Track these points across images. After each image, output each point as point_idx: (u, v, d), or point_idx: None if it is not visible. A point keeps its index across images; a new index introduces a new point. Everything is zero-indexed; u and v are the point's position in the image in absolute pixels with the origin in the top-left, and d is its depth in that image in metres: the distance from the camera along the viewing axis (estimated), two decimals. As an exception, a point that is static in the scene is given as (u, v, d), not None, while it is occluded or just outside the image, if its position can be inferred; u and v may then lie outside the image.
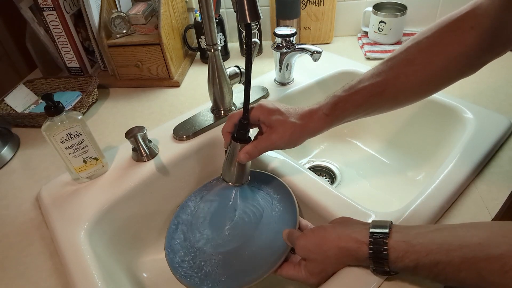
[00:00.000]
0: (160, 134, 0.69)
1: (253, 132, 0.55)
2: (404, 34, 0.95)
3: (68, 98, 0.84)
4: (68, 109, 0.61)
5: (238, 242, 0.55)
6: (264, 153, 0.55)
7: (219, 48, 0.63)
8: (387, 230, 0.39)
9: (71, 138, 0.55)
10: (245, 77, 0.49)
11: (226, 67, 0.66)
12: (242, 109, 0.51)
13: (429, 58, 0.46)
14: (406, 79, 0.47)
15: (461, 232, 0.36)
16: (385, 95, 0.48)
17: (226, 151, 0.54)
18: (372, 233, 0.39)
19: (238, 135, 0.52)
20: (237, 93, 0.75)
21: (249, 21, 0.42)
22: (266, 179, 0.60)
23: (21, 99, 0.82)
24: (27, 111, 0.80)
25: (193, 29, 0.93)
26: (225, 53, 0.98)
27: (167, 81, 0.88)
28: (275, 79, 0.83)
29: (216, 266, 0.53)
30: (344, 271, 0.43)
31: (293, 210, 0.53)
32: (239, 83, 0.72)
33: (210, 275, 0.52)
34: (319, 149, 0.87)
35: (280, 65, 0.78)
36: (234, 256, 0.54)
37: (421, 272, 0.37)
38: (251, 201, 0.59)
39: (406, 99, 0.50)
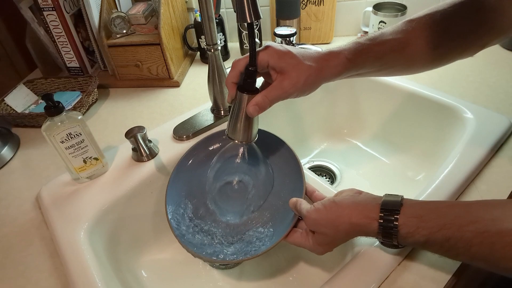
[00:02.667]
0: (160, 134, 0.69)
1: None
2: (404, 34, 0.95)
3: (68, 98, 0.84)
4: (68, 109, 0.61)
5: (246, 209, 0.54)
6: None
7: (219, 48, 0.63)
8: (398, 206, 0.39)
9: (71, 138, 0.55)
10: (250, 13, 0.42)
11: (226, 67, 0.66)
12: (248, 55, 0.45)
13: (446, 27, 0.48)
14: (425, 41, 0.48)
15: (474, 208, 0.36)
16: (405, 52, 0.49)
17: (229, 107, 0.49)
18: (383, 209, 0.39)
19: (245, 85, 0.46)
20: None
21: (249, 21, 0.41)
22: (267, 139, 0.56)
23: (21, 99, 0.81)
24: (27, 111, 0.80)
25: (193, 29, 0.93)
26: (225, 53, 0.98)
27: (167, 81, 0.88)
28: (275, 79, 0.83)
29: (223, 236, 0.52)
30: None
31: (299, 174, 0.52)
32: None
33: (217, 244, 0.51)
34: (319, 149, 0.87)
35: (280, 65, 0.78)
36: (242, 225, 0.53)
37: (432, 247, 0.37)
38: (257, 164, 0.56)
39: (421, 61, 0.51)
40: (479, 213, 0.35)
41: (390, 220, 0.38)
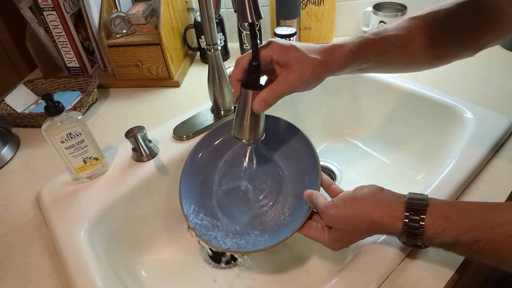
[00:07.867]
0: (160, 134, 0.69)
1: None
2: (404, 34, 0.95)
3: (68, 98, 0.84)
4: (68, 109, 0.61)
5: (258, 202, 0.54)
6: None
7: (219, 48, 0.63)
8: (424, 206, 0.38)
9: (71, 138, 0.55)
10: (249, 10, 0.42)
11: (226, 67, 0.66)
12: (251, 51, 0.45)
13: (448, 26, 0.49)
14: (427, 38, 0.49)
15: (503, 210, 0.36)
16: (407, 49, 0.49)
17: (234, 107, 0.48)
18: (408, 208, 0.38)
19: (249, 81, 0.46)
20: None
21: (250, 21, 0.41)
22: (281, 126, 0.55)
23: (21, 99, 0.81)
24: (27, 111, 0.80)
25: (193, 29, 0.93)
26: (225, 53, 0.98)
27: (167, 81, 0.87)
28: (275, 79, 0.83)
29: (234, 231, 0.52)
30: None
31: (315, 166, 0.50)
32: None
33: (229, 233, 0.51)
34: (319, 149, 0.87)
35: (280, 65, 0.78)
36: (255, 219, 0.53)
37: (459, 249, 0.36)
38: (267, 167, 0.55)
39: (422, 59, 0.51)
40: (510, 215, 0.34)
41: (416, 220, 0.37)
